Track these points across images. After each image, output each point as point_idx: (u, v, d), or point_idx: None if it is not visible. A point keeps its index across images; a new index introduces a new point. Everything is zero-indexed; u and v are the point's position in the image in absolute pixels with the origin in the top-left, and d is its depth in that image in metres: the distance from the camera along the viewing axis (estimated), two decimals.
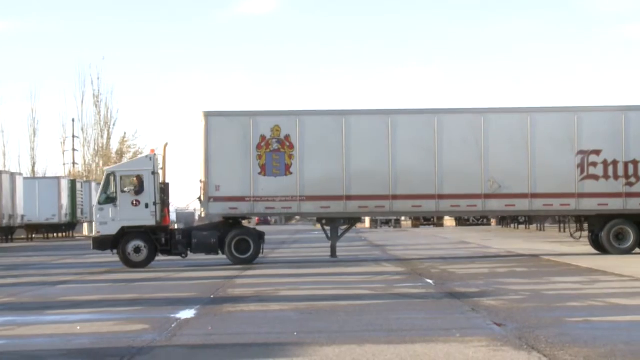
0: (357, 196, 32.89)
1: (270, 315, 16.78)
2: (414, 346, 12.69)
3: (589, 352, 11.86)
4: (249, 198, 32.79)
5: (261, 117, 33.22)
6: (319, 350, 12.59)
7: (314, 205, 32.99)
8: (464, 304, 17.75)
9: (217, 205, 32.71)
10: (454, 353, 12.13)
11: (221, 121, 33.14)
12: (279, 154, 32.89)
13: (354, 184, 32.88)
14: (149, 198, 31.96)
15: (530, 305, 17.38)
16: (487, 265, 29.17)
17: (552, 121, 33.20)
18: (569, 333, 13.51)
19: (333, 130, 33.00)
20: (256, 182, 32.77)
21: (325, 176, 32.92)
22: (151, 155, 32.40)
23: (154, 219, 31.99)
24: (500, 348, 12.43)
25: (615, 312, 16.17)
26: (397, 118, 33.24)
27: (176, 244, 32.23)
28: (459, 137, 32.91)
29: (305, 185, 32.87)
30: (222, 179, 32.80)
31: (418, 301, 18.73)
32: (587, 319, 15.19)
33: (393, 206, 32.96)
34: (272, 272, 28.35)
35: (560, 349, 12.16)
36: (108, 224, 31.97)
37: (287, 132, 32.97)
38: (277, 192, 32.77)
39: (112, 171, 32.55)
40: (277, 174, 32.83)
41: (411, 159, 32.85)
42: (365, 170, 32.90)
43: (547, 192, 32.75)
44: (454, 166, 32.74)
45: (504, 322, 14.89)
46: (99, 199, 32.41)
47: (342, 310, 17.03)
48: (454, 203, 32.96)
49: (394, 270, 27.91)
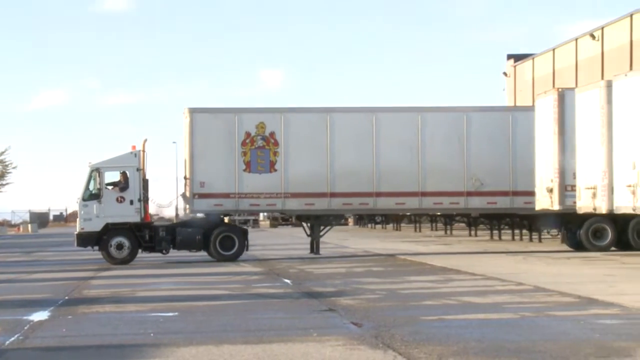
0: (341, 193, 33.35)
1: (127, 316, 16.58)
2: (272, 346, 12.71)
3: (443, 349, 12.06)
4: (234, 195, 32.93)
5: (246, 114, 33.41)
6: (175, 351, 12.49)
7: (298, 202, 33.29)
8: (322, 304, 17.85)
9: (201, 202, 32.77)
10: (312, 352, 12.18)
11: (206, 118, 33.23)
12: (264, 151, 33.12)
13: (338, 181, 33.33)
14: (134, 194, 31.75)
15: (386, 304, 17.59)
16: (344, 265, 29.41)
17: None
18: (423, 331, 13.71)
19: (317, 128, 33.42)
20: (241, 179, 32.96)
21: (310, 173, 33.33)
22: (136, 152, 32.02)
23: (139, 215, 31.82)
24: (357, 347, 12.55)
25: (468, 310, 16.49)
26: (381, 116, 33.66)
27: (160, 240, 32.13)
28: (443, 135, 33.66)
29: (289, 182, 33.19)
30: (206, 176, 32.92)
31: (276, 301, 18.76)
32: (441, 317, 15.45)
33: (377, 203, 33.61)
34: (129, 272, 28.02)
35: (415, 347, 12.33)
36: (92, 220, 31.67)
37: (272, 129, 33.22)
38: (262, 189, 32.99)
39: (97, 167, 31.93)
40: (261, 171, 33.09)
41: (395, 156, 33.30)
42: (349, 167, 33.42)
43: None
44: (436, 164, 33.46)
45: (360, 321, 15.03)
46: (83, 195, 31.92)
47: (199, 311, 16.94)
48: (437, 200, 33.55)
49: (252, 270, 27.91)
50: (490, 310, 16.28)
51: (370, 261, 31.14)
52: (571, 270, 25.19)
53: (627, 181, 29.00)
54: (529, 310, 15.98)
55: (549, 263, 28.45)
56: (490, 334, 13.42)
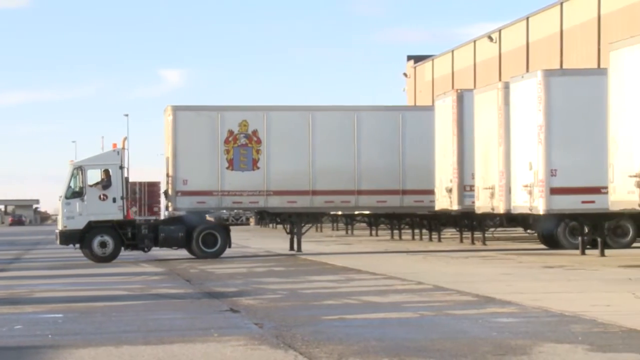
0: (323, 191, 33.54)
1: (24, 317, 16.32)
2: (172, 347, 12.64)
3: (343, 349, 12.13)
4: (217, 192, 33.01)
5: (229, 112, 33.53)
6: (74, 352, 12.34)
7: (280, 199, 33.50)
8: (223, 304, 17.81)
9: (184, 200, 32.80)
10: (212, 352, 12.15)
11: (189, 115, 33.29)
12: (247, 149, 33.27)
13: (320, 179, 33.48)
14: (117, 192, 31.68)
15: (287, 304, 17.62)
16: (245, 265, 29.38)
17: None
18: (324, 331, 13.77)
19: (300, 126, 33.57)
20: (223, 177, 33.04)
21: (292, 171, 33.55)
22: (118, 149, 31.94)
23: (122, 213, 31.77)
24: (258, 347, 12.55)
25: (368, 309, 16.60)
26: (362, 115, 34.08)
27: (143, 238, 32.06)
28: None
29: (272, 179, 33.35)
30: (189, 173, 32.94)
31: (176, 301, 18.66)
32: (342, 317, 15.53)
33: (358, 201, 33.78)
34: (26, 273, 27.60)
35: (315, 346, 12.38)
36: (75, 218, 31.56)
37: (255, 127, 33.32)
38: (245, 187, 33.12)
39: (79, 165, 31.82)
40: (244, 169, 33.24)
41: (375, 154, 33.54)
42: (331, 165, 33.35)
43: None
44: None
45: (261, 321, 15.03)
46: (66, 193, 31.80)
47: (99, 312, 16.76)
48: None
49: (153, 271, 27.71)
50: (390, 309, 16.41)
51: (271, 261, 31.15)
52: (470, 270, 25.54)
53: (524, 181, 29.51)
54: (429, 310, 16.15)
55: (448, 262, 28.80)
56: (390, 333, 13.53)
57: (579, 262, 27.00)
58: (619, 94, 25.70)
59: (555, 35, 61.01)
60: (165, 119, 33.82)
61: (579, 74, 32.70)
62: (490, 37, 70.45)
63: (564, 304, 16.08)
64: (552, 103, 28.86)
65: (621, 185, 25.33)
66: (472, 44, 74.00)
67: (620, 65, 25.62)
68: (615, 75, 25.80)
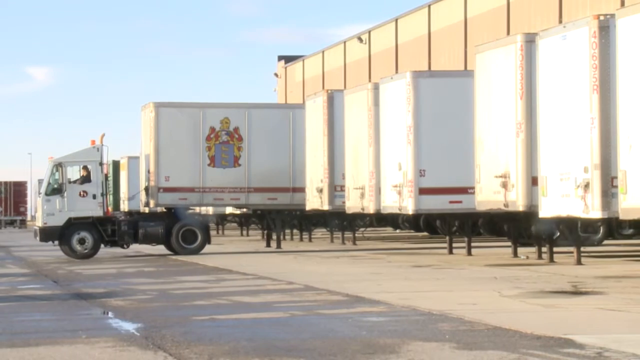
0: (304, 188, 33.99)
1: None
2: (38, 349, 12.43)
3: (214, 349, 12.11)
4: (198, 189, 33.19)
5: (211, 109, 33.74)
6: None
7: (261, 196, 33.87)
8: (91, 305, 17.59)
9: (166, 196, 32.86)
10: (80, 354, 11.99)
11: (171, 112, 33.43)
12: (228, 146, 33.49)
13: (301, 176, 33.94)
14: (97, 188, 31.55)
15: (157, 305, 17.50)
16: (115, 266, 29.06)
17: None
18: (195, 331, 13.72)
19: (281, 124, 34.09)
20: (205, 173, 33.23)
21: (273, 168, 33.92)
22: (98, 146, 31.69)
23: (102, 209, 31.62)
24: (127, 348, 12.43)
25: (239, 309, 16.61)
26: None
27: (123, 234, 31.99)
28: None
29: (253, 176, 33.60)
30: (171, 170, 33.02)
31: (43, 303, 18.35)
32: (213, 317, 15.49)
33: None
34: None
35: (186, 347, 12.32)
36: (55, 215, 31.35)
37: (236, 124, 33.57)
38: (226, 184, 33.35)
39: (59, 162, 31.44)
40: (225, 166, 33.44)
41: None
42: None
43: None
44: None
45: (131, 322, 14.90)
46: (46, 189, 31.56)
47: None
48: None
49: (19, 272, 27.19)
50: (261, 309, 16.45)
51: (141, 261, 30.88)
52: (340, 269, 25.74)
53: (394, 181, 29.86)
54: (299, 309, 16.23)
55: (318, 262, 28.97)
56: (261, 333, 13.56)
57: (447, 261, 27.46)
58: (484, 95, 26.25)
59: (423, 37, 61.92)
60: (145, 115, 34.02)
61: (447, 75, 33.31)
62: (360, 39, 71.14)
63: (432, 303, 16.33)
64: (420, 104, 29.25)
65: (487, 186, 25.88)
66: (342, 44, 74.59)
67: (485, 67, 26.18)
68: (481, 77, 26.34)
